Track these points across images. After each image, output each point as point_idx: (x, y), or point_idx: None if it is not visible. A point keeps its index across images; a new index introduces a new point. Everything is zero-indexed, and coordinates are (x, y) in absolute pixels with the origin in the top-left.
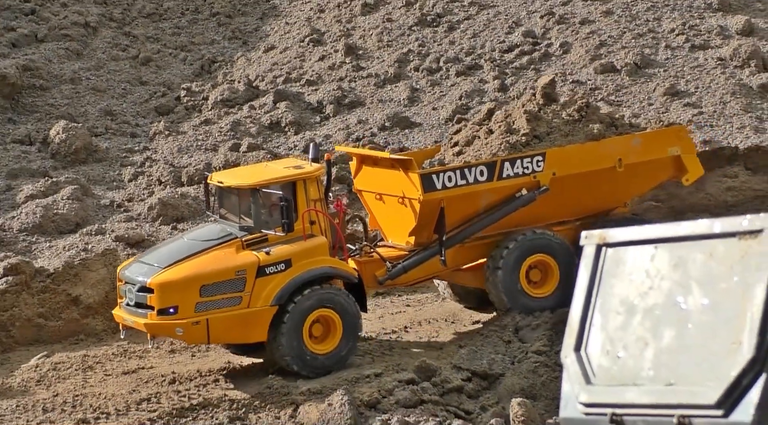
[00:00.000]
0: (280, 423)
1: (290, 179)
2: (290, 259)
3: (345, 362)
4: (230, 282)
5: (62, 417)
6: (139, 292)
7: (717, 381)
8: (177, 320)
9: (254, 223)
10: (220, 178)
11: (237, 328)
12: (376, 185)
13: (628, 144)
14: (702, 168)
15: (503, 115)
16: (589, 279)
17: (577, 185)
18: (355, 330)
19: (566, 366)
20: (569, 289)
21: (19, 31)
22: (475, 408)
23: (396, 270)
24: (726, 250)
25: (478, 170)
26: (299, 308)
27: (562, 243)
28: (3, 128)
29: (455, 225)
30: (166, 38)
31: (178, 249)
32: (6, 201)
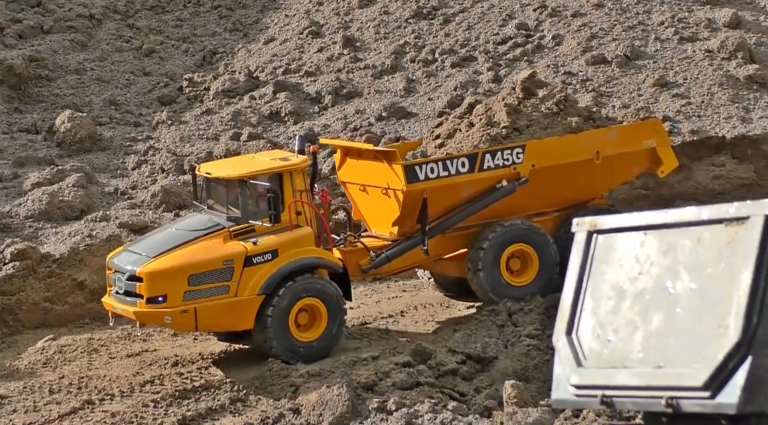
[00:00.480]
0: (279, 404)
1: (277, 171)
2: (277, 249)
3: (330, 350)
4: (218, 271)
5: (68, 398)
6: (129, 281)
7: (704, 364)
8: (166, 308)
9: (241, 214)
10: (208, 169)
11: (224, 316)
12: (360, 176)
13: (606, 136)
14: (676, 160)
15: (484, 108)
16: (581, 265)
17: (556, 176)
18: (339, 319)
19: (558, 350)
20: (549, 273)
21: (26, 23)
22: (470, 390)
23: (380, 260)
24: (713, 237)
25: (460, 162)
26: (286, 297)
27: (533, 229)
28: (10, 117)
29: (437, 216)
30: (169, 30)
31: (166, 239)
32: (13, 188)
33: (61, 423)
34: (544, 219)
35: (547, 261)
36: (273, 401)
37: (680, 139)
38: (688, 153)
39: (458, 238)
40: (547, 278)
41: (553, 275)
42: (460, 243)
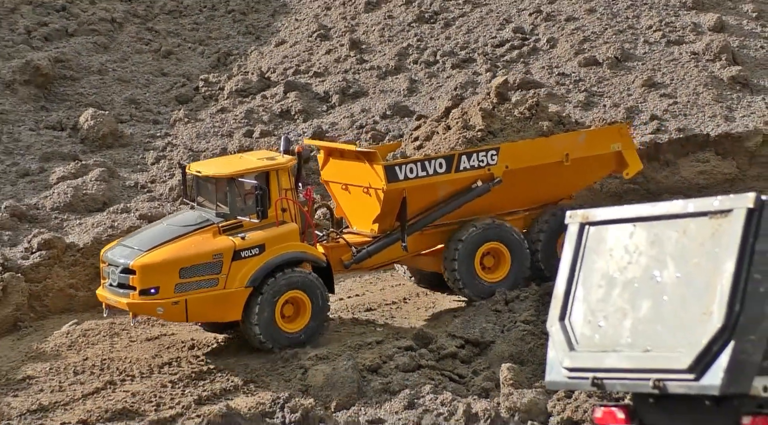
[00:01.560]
0: (289, 385)
1: (264, 169)
2: (264, 244)
3: (314, 339)
4: (208, 264)
5: (91, 379)
6: (122, 274)
7: (689, 348)
8: (158, 300)
9: (230, 210)
10: (198, 167)
11: (214, 308)
12: (342, 176)
13: (575, 140)
14: (641, 163)
15: (460, 112)
16: (573, 255)
17: (528, 177)
18: (323, 311)
19: (551, 335)
20: (520, 270)
21: (51, 26)
22: (468, 372)
23: (360, 255)
24: (698, 228)
25: (438, 162)
26: (272, 290)
27: (507, 228)
28: (37, 115)
29: (416, 214)
30: (186, 33)
31: (158, 233)
32: (40, 182)
33: (84, 402)
34: (516, 218)
35: (519, 259)
36: (283, 382)
37: (667, 136)
38: (674, 150)
39: (435, 235)
40: (518, 275)
41: (524, 272)
42: (437, 240)
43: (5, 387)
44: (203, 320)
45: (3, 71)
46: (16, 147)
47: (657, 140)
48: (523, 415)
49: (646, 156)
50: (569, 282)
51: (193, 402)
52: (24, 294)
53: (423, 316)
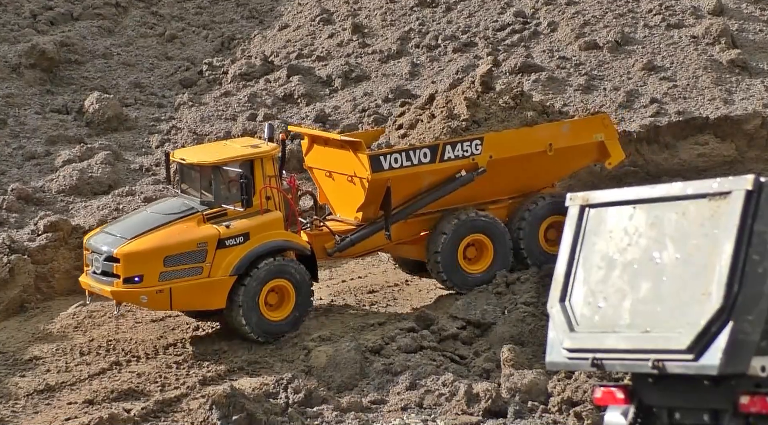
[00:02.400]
0: (293, 366)
1: (249, 157)
2: (248, 233)
3: (297, 327)
4: (192, 253)
5: (97, 360)
6: (106, 261)
7: (688, 329)
8: (142, 288)
9: (214, 198)
10: (182, 155)
11: (198, 296)
12: (326, 163)
13: (558, 130)
14: (623, 153)
15: (444, 100)
16: (573, 236)
17: (512, 167)
18: (307, 299)
19: (552, 316)
20: (502, 262)
21: (57, 10)
22: (469, 353)
23: (344, 244)
24: (697, 210)
25: (422, 152)
26: (256, 278)
27: (490, 220)
28: (42, 99)
29: (400, 203)
30: (190, 17)
31: (142, 221)
32: (46, 165)
33: (91, 382)
34: (499, 206)
35: (502, 251)
36: (286, 363)
37: (667, 119)
38: (674, 132)
39: (418, 223)
40: (501, 266)
41: (506, 264)
42: (420, 228)
43: (13, 368)
44: (187, 308)
45: (9, 55)
46: (22, 130)
47: (656, 123)
48: (524, 395)
49: (645, 139)
50: (569, 263)
51: (198, 383)
52: (30, 275)
53: (425, 298)
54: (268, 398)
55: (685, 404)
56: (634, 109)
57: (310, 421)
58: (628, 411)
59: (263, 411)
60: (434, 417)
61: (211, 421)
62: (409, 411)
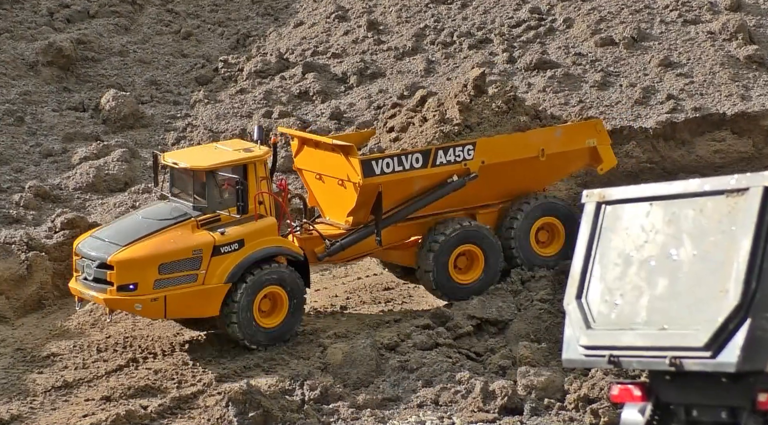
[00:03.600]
0: (309, 363)
1: (242, 162)
2: (243, 239)
3: (290, 334)
4: (187, 260)
5: (114, 356)
6: (99, 268)
7: (705, 326)
8: (136, 296)
9: (208, 204)
10: (174, 158)
11: (192, 304)
12: (317, 165)
13: (551, 135)
14: (615, 158)
15: (436, 103)
16: (590, 233)
17: (503, 172)
18: (300, 305)
19: (568, 313)
20: (492, 272)
21: (73, 8)
22: (485, 350)
23: (334, 248)
24: (715, 207)
25: (414, 157)
26: (251, 285)
27: (482, 230)
28: (59, 96)
29: (390, 208)
30: (205, 15)
31: (135, 227)
32: (62, 162)
33: (108, 379)
34: (489, 211)
35: (492, 261)
36: (302, 360)
37: (684, 115)
38: (690, 129)
39: (408, 227)
40: (491, 276)
41: (496, 274)
42: (411, 232)
43: (30, 364)
44: (181, 316)
45: (26, 53)
46: (40, 127)
47: (673, 119)
48: (540, 393)
49: (662, 135)
50: (586, 260)
51: (214, 380)
52: (48, 272)
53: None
54: (284, 395)
55: (703, 401)
56: (650, 105)
57: (325, 418)
58: (645, 408)
59: (279, 408)
60: (450, 414)
61: (227, 418)
62: (425, 409)
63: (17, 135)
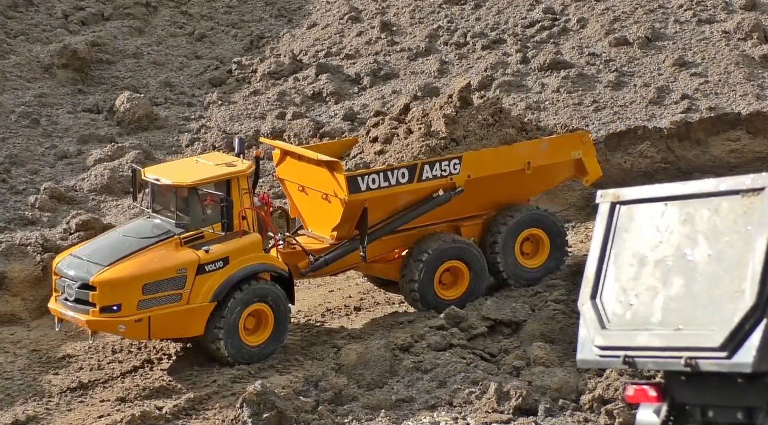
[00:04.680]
0: (323, 364)
1: (225, 177)
2: (228, 257)
3: (275, 351)
4: (171, 280)
5: (129, 358)
6: (81, 289)
7: (721, 326)
8: (120, 317)
9: (191, 221)
10: (155, 174)
11: (177, 324)
12: (299, 177)
13: (537, 148)
14: (600, 170)
15: (420, 113)
16: (604, 234)
17: (489, 185)
18: (284, 322)
19: (583, 313)
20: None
21: (88, 11)
22: (499, 351)
23: (318, 264)
24: (730, 206)
25: (400, 172)
26: (236, 303)
27: (467, 246)
28: (74, 98)
29: (375, 222)
30: (219, 16)
31: (116, 246)
32: (77, 164)
33: (123, 380)
34: (474, 223)
35: (478, 276)
36: (316, 361)
37: (698, 115)
38: (705, 128)
39: (392, 241)
40: (476, 292)
41: (481, 290)
42: (394, 245)
43: (46, 366)
44: (166, 337)
45: (41, 55)
46: (55, 129)
47: (688, 119)
48: (555, 393)
49: (676, 135)
50: (600, 261)
51: (229, 381)
52: None
53: None
54: (299, 396)
55: (719, 402)
56: (664, 105)
57: (340, 419)
58: (661, 409)
59: (293, 409)
60: (464, 415)
61: (241, 419)
62: (440, 409)
63: (32, 137)
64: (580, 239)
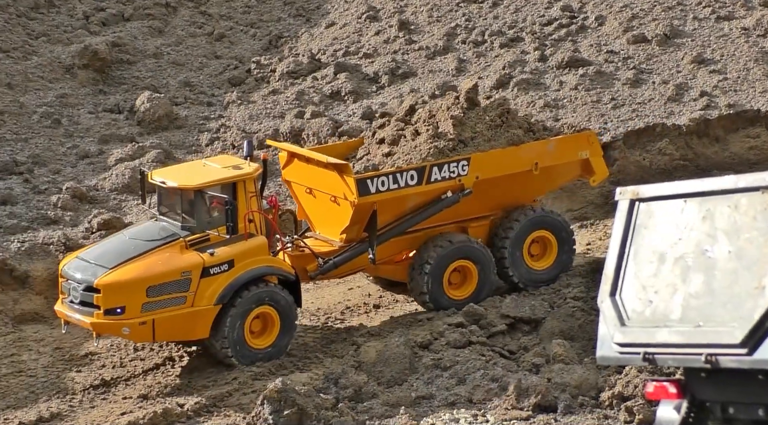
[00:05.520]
0: (342, 361)
1: (232, 180)
2: (233, 260)
3: (281, 354)
4: (176, 282)
5: (151, 355)
6: (85, 291)
7: (741, 323)
8: (124, 320)
9: (197, 224)
10: (162, 177)
11: (181, 327)
12: (307, 179)
13: (544, 148)
14: (607, 170)
15: (427, 114)
16: (623, 231)
17: (497, 186)
18: (291, 325)
19: (602, 310)
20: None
21: (108, 11)
22: (518, 348)
23: (327, 267)
24: (750, 203)
25: (409, 175)
26: (241, 306)
27: (475, 245)
28: (95, 99)
29: (384, 224)
30: (238, 16)
31: (122, 249)
32: (99, 163)
33: (145, 377)
34: (481, 224)
35: (486, 275)
36: (336, 358)
37: (717, 112)
38: (724, 125)
39: (401, 242)
40: (485, 291)
41: (490, 287)
42: (403, 247)
43: (69, 363)
44: (170, 339)
45: (62, 56)
46: (76, 129)
47: (707, 116)
48: (574, 390)
49: (695, 132)
50: (620, 258)
51: (250, 378)
52: None
53: None
54: (319, 393)
55: (739, 398)
56: (683, 102)
57: (360, 416)
58: (681, 405)
59: (314, 406)
60: (484, 412)
61: (262, 416)
62: (459, 406)
63: (54, 137)
64: (598, 236)
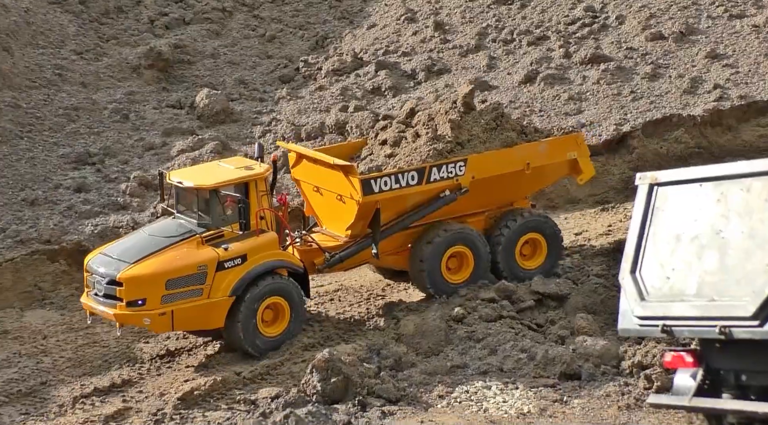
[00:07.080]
0: (384, 333)
1: (244, 180)
2: (246, 254)
3: (292, 339)
4: (193, 276)
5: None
6: (109, 285)
7: (753, 297)
8: (145, 311)
9: (212, 221)
10: (179, 177)
11: (198, 317)
12: (315, 178)
13: (536, 149)
14: (593, 169)
15: (426, 117)
16: (643, 213)
17: (492, 185)
18: (300, 314)
19: (623, 286)
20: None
21: (171, 16)
22: (546, 322)
23: (334, 260)
24: (762, 186)
25: (410, 175)
26: (253, 297)
27: (470, 232)
28: (159, 95)
29: (387, 221)
30: (287, 19)
31: (143, 244)
32: (162, 154)
33: (205, 348)
34: (476, 219)
35: (482, 261)
36: (378, 331)
37: (729, 103)
38: (736, 115)
39: (402, 237)
40: (480, 275)
41: (486, 272)
42: (404, 242)
43: (138, 335)
44: (188, 329)
45: (130, 57)
46: (142, 124)
47: (720, 107)
48: (597, 360)
49: (709, 122)
50: (639, 238)
51: (299, 349)
52: None
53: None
54: (362, 363)
55: (752, 367)
56: (698, 94)
57: (400, 383)
58: (697, 373)
59: (358, 374)
60: (514, 379)
61: (311, 383)
62: (491, 375)
63: (123, 131)
64: (619, 219)
